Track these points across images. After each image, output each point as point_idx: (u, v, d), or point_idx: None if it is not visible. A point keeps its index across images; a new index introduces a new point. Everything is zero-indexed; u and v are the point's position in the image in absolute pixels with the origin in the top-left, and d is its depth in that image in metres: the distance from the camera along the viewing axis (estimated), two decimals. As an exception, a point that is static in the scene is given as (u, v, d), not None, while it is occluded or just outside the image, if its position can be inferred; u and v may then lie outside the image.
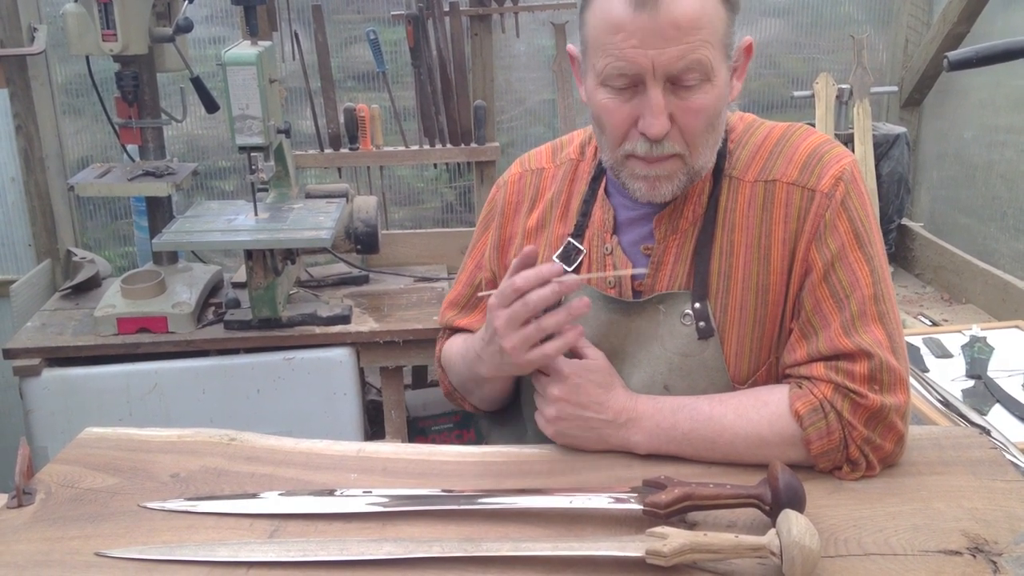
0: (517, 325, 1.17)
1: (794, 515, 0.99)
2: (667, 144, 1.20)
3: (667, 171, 1.22)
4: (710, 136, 1.23)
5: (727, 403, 1.23)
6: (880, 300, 1.22)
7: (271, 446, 1.33)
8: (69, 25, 2.45)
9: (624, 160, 1.24)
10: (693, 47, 1.14)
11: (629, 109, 1.19)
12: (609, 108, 1.20)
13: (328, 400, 2.54)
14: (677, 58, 1.14)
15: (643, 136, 1.19)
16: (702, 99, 1.18)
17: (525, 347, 1.18)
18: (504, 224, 1.45)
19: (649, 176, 1.23)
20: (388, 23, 3.12)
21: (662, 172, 1.22)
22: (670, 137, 1.19)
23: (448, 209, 3.38)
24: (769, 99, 3.29)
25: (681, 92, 1.17)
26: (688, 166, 1.23)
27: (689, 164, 1.23)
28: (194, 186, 3.17)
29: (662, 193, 1.24)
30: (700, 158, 1.23)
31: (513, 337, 1.18)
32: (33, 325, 2.60)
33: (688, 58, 1.14)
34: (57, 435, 2.41)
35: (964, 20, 2.92)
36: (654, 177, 1.23)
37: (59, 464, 1.29)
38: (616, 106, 1.20)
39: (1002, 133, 2.88)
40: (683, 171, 1.23)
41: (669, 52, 1.14)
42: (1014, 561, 1.01)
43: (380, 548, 1.06)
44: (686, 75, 1.16)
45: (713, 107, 1.20)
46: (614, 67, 1.16)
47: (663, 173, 1.22)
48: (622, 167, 1.25)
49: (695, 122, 1.19)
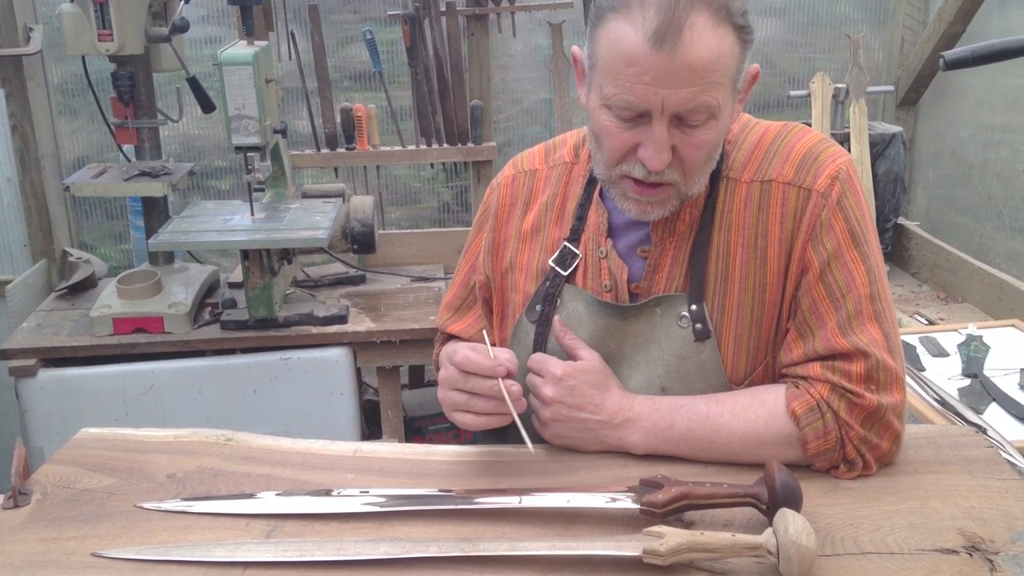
0: (449, 388, 1.23)
1: (791, 514, 0.99)
2: (666, 173, 1.19)
3: (660, 198, 1.22)
4: (707, 166, 1.23)
5: (724, 403, 1.23)
6: (876, 299, 1.22)
7: (268, 446, 1.33)
8: (65, 25, 2.45)
9: (618, 180, 1.23)
10: (705, 89, 1.12)
11: (631, 136, 1.18)
12: (611, 131, 1.19)
13: (325, 400, 2.54)
14: (688, 99, 1.12)
15: (641, 163, 1.18)
16: (705, 136, 1.17)
17: (451, 409, 1.24)
18: (498, 227, 1.44)
19: (641, 201, 1.23)
20: (384, 23, 3.12)
21: (654, 199, 1.22)
22: (670, 166, 1.18)
23: (445, 209, 3.38)
24: (765, 98, 3.30)
25: (686, 128, 1.16)
26: (681, 194, 1.23)
27: (683, 192, 1.22)
28: (190, 186, 3.16)
29: (652, 216, 1.25)
30: (694, 186, 1.23)
31: (446, 395, 1.24)
32: (29, 325, 2.60)
33: (698, 100, 1.13)
34: (53, 435, 2.41)
35: (960, 19, 2.92)
36: (646, 202, 1.23)
37: (55, 464, 1.29)
38: (618, 131, 1.18)
39: (998, 132, 2.88)
40: (676, 197, 1.23)
41: (681, 94, 1.12)
42: (1010, 560, 1.01)
43: (377, 548, 1.05)
44: (693, 116, 1.14)
45: (715, 142, 1.19)
46: (622, 99, 1.14)
47: (655, 200, 1.22)
48: (614, 185, 1.25)
49: (697, 156, 1.18)
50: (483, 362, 1.19)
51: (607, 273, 1.32)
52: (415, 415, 3.00)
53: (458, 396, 1.22)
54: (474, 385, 1.20)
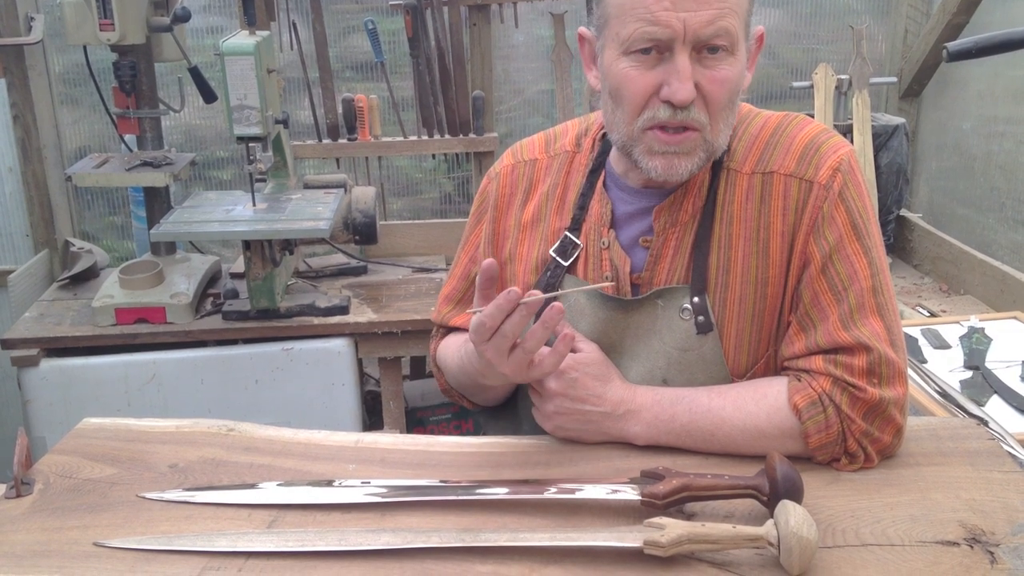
0: (505, 354, 1.16)
1: (792, 506, 0.99)
2: (692, 111, 1.17)
3: (687, 147, 1.20)
4: (730, 114, 1.22)
5: (726, 395, 1.23)
6: (878, 292, 1.21)
7: (269, 436, 1.33)
8: (66, 15, 2.45)
9: (642, 134, 1.21)
10: (722, 13, 1.14)
11: (652, 77, 1.17)
12: (631, 76, 1.18)
13: (326, 391, 2.54)
14: (708, 22, 1.13)
15: (666, 104, 1.17)
16: (727, 71, 1.17)
17: (523, 370, 1.17)
18: (498, 217, 1.43)
19: (668, 152, 1.20)
20: (386, 13, 3.11)
21: (682, 148, 1.20)
22: (696, 105, 1.18)
23: (446, 200, 3.37)
24: (768, 89, 3.29)
25: (707, 61, 1.16)
26: (708, 142, 1.21)
27: (709, 140, 1.21)
28: (192, 176, 3.16)
29: (679, 171, 1.21)
30: (719, 135, 1.21)
31: (507, 365, 1.16)
32: (31, 315, 2.60)
33: (718, 24, 1.14)
34: (55, 425, 2.41)
35: (963, 10, 2.91)
36: (672, 153, 1.20)
37: (57, 454, 1.29)
38: (639, 74, 1.18)
39: (1001, 124, 2.87)
40: (702, 148, 1.21)
41: (700, 15, 1.13)
42: (1011, 552, 1.02)
43: (378, 538, 1.06)
44: (714, 41, 1.14)
45: (735, 81, 1.19)
46: (644, 32, 1.14)
47: (682, 149, 1.20)
48: (638, 143, 1.22)
49: (720, 92, 1.18)
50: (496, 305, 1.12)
51: (609, 264, 1.31)
52: (416, 406, 3.00)
53: (513, 358, 1.15)
54: (512, 328, 1.12)
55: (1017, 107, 2.80)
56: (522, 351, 1.15)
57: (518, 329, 1.13)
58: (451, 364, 1.42)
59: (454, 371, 1.41)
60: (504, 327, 1.13)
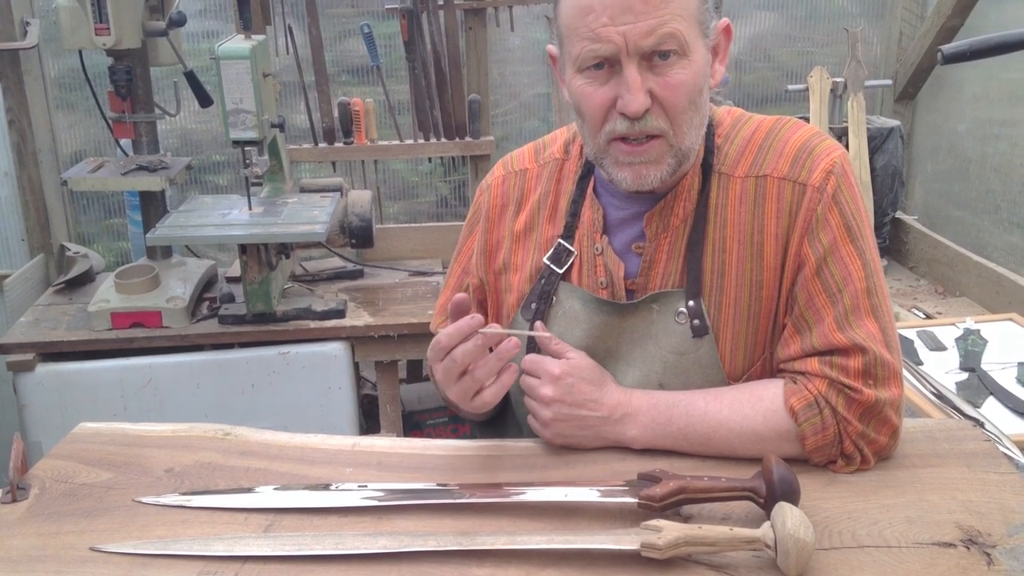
0: (453, 379, 1.18)
1: (788, 508, 0.99)
2: (650, 119, 1.18)
3: (652, 156, 1.21)
4: (694, 116, 1.21)
5: (722, 398, 1.23)
6: (873, 294, 1.22)
7: (266, 440, 1.33)
8: (62, 19, 2.45)
9: (607, 147, 1.23)
10: (663, 21, 1.14)
11: (607, 91, 1.19)
12: (587, 92, 1.20)
13: (323, 394, 2.54)
14: (647, 32, 1.14)
15: (622, 115, 1.18)
16: (680, 75, 1.17)
17: (467, 397, 1.19)
18: (490, 229, 1.43)
19: (634, 163, 1.21)
20: (382, 17, 3.11)
21: (647, 157, 1.21)
22: (652, 113, 1.18)
23: (442, 203, 3.38)
24: (763, 92, 3.29)
25: (658, 68, 1.17)
26: (673, 148, 1.21)
27: (675, 145, 1.21)
28: (188, 180, 3.16)
29: (649, 180, 1.22)
30: (685, 138, 1.22)
31: (453, 389, 1.19)
32: (27, 320, 2.60)
33: (659, 32, 1.14)
34: (51, 430, 2.41)
35: (958, 13, 2.92)
36: (639, 164, 1.21)
37: (53, 459, 1.29)
38: (593, 90, 1.20)
39: (996, 126, 2.88)
40: (669, 154, 1.21)
41: (640, 26, 1.14)
42: (1007, 553, 1.02)
43: (375, 542, 1.06)
44: (660, 48, 1.15)
45: (692, 83, 1.19)
46: (589, 49, 1.16)
47: (648, 158, 1.21)
48: (605, 155, 1.24)
49: (676, 97, 1.18)
50: (456, 327, 1.15)
51: (603, 270, 1.31)
52: (413, 409, 3.00)
53: (462, 382, 1.18)
54: (463, 354, 1.15)
55: (1012, 110, 2.80)
56: (471, 378, 1.17)
57: (468, 358, 1.15)
58: None
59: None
60: (455, 352, 1.15)
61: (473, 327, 1.15)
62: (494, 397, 1.18)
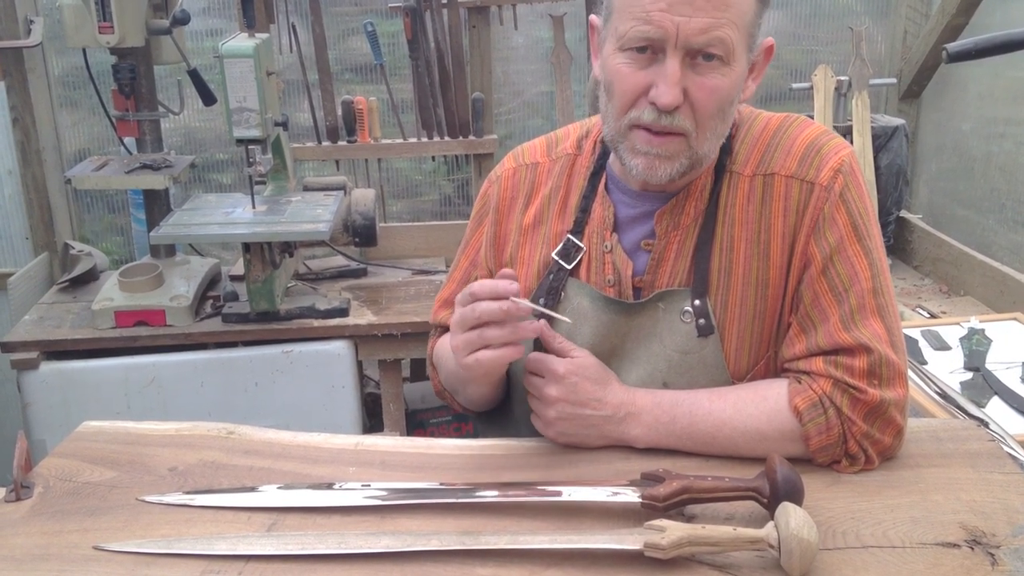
0: (464, 328, 1.17)
1: (792, 508, 0.99)
2: (677, 117, 1.17)
3: (669, 151, 1.20)
4: (719, 124, 1.21)
5: (726, 398, 1.23)
6: (879, 293, 1.21)
7: (269, 439, 1.33)
8: (66, 17, 2.45)
9: (627, 131, 1.21)
10: (719, 23, 1.13)
11: (643, 76, 1.17)
12: (624, 72, 1.18)
13: (326, 393, 2.54)
14: (701, 30, 1.13)
15: (652, 105, 1.17)
16: (718, 80, 1.16)
17: (466, 350, 1.18)
18: (499, 221, 1.43)
19: (650, 153, 1.20)
20: (386, 15, 3.11)
21: (664, 151, 1.20)
22: (681, 112, 1.17)
23: (446, 202, 3.37)
24: (768, 91, 3.29)
25: (699, 68, 1.16)
26: (692, 149, 1.20)
27: (693, 148, 1.20)
28: (191, 179, 3.16)
29: (659, 174, 1.21)
30: (705, 144, 1.21)
31: (458, 337, 1.18)
32: (31, 318, 2.60)
33: (712, 33, 1.13)
34: (55, 428, 2.41)
35: (963, 11, 2.91)
36: (655, 155, 1.20)
37: (57, 458, 1.29)
38: (631, 71, 1.18)
39: (1001, 125, 2.87)
40: (685, 154, 1.20)
41: (695, 22, 1.12)
42: (1012, 553, 1.01)
43: (378, 541, 1.06)
44: (707, 49, 1.14)
45: (727, 92, 1.18)
46: (638, 30, 1.14)
47: (665, 153, 1.20)
48: (623, 139, 1.22)
49: (708, 101, 1.17)
50: (494, 283, 1.15)
51: (611, 267, 1.31)
52: (417, 408, 3.00)
53: (470, 334, 1.17)
54: (486, 311, 1.14)
55: (1017, 108, 2.80)
56: (478, 334, 1.16)
57: (485, 316, 1.15)
58: (445, 356, 1.41)
59: (446, 362, 1.41)
60: (479, 304, 1.15)
61: (509, 292, 1.14)
62: (489, 361, 1.17)
